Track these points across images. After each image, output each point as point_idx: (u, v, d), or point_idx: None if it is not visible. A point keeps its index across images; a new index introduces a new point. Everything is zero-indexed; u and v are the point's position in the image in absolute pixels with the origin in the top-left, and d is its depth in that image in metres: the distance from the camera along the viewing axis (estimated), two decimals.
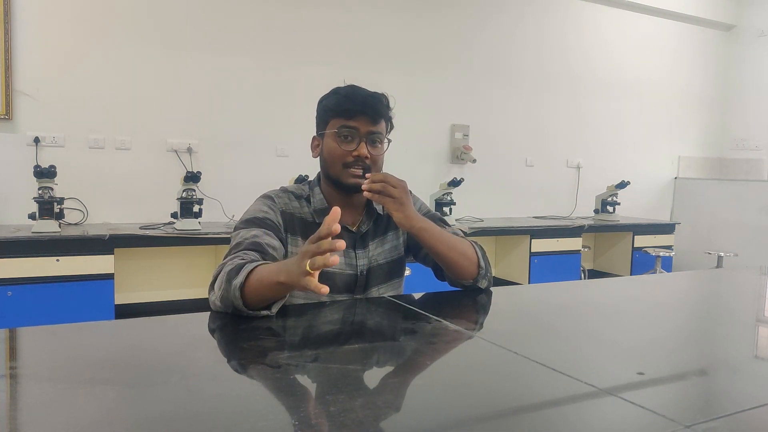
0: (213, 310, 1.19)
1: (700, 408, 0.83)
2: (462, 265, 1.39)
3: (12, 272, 2.86)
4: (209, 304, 1.20)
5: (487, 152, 4.82)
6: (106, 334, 1.12)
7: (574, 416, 0.79)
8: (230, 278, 1.13)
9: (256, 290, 1.11)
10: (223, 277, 1.15)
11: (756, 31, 6.03)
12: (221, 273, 1.17)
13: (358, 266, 1.41)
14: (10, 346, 1.02)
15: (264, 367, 0.91)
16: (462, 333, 1.16)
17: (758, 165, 6.05)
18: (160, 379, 0.84)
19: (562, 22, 5.21)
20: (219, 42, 3.83)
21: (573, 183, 5.36)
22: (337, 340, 1.10)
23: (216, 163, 3.83)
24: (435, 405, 0.80)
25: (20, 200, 3.23)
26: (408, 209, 1.32)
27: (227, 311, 1.15)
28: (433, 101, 4.62)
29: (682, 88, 5.98)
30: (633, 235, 5.01)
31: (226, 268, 1.16)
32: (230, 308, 1.14)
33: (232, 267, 1.15)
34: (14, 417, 0.72)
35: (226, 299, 1.13)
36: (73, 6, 3.44)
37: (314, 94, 1.48)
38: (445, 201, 4.20)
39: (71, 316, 2.92)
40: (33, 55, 3.35)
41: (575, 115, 5.34)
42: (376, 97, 1.38)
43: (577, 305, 1.47)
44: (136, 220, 3.61)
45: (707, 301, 1.70)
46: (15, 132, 3.34)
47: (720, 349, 1.14)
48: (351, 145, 1.36)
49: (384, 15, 4.39)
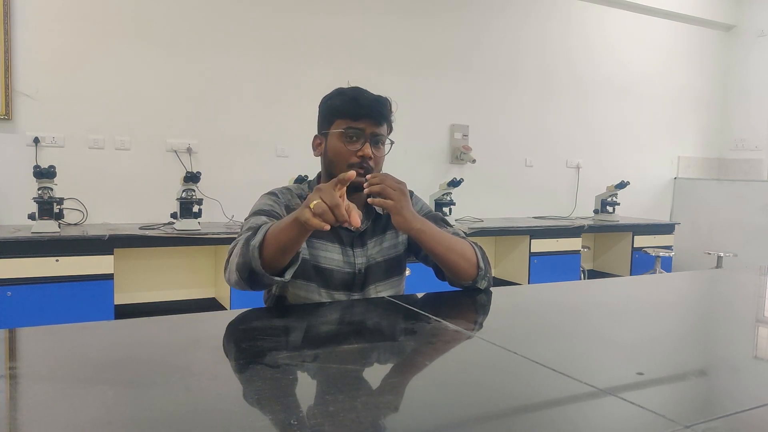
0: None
1: (700, 408, 0.83)
2: (461, 267, 1.39)
3: (12, 272, 2.86)
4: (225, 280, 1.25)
5: (487, 152, 4.82)
6: (105, 334, 1.12)
7: (574, 416, 0.79)
8: (248, 241, 1.18)
9: (274, 239, 1.15)
10: (241, 242, 1.20)
11: (756, 31, 6.03)
12: (238, 243, 1.22)
13: (356, 264, 1.42)
14: (10, 346, 1.02)
15: (263, 367, 0.91)
16: (461, 333, 1.16)
17: (758, 165, 6.05)
18: (160, 379, 0.84)
19: (562, 23, 5.21)
20: (219, 42, 3.83)
21: (573, 183, 5.36)
22: (337, 340, 1.10)
23: (216, 164, 3.83)
24: (434, 405, 0.80)
25: (20, 200, 3.23)
26: (406, 211, 1.32)
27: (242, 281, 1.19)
28: (433, 101, 4.62)
29: (682, 88, 5.98)
30: (633, 235, 5.01)
31: (242, 239, 1.21)
32: (246, 273, 1.17)
33: (248, 235, 1.20)
34: (14, 417, 0.72)
35: (244, 262, 1.16)
36: (73, 6, 3.43)
37: (314, 94, 1.49)
38: (444, 201, 4.20)
39: (71, 316, 2.91)
40: (33, 55, 3.35)
41: (575, 116, 5.34)
42: (380, 101, 1.42)
43: (576, 305, 1.47)
44: (136, 221, 3.61)
45: (707, 301, 1.70)
46: (15, 132, 3.34)
47: (720, 349, 1.14)
48: (356, 146, 1.38)
49: (384, 15, 4.39)
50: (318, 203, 1.04)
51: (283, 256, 1.17)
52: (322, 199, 1.04)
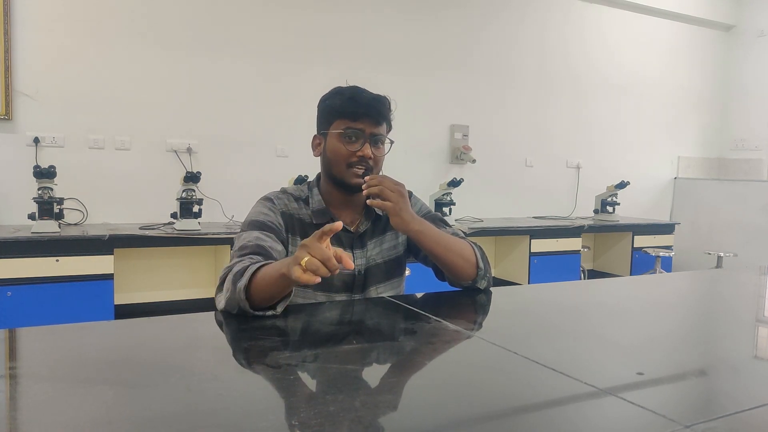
0: (216, 310, 1.20)
1: (700, 408, 0.83)
2: (460, 267, 1.39)
3: (12, 272, 2.86)
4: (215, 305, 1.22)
5: (487, 152, 4.82)
6: (105, 334, 1.12)
7: (574, 416, 0.79)
8: (235, 281, 1.15)
9: (261, 288, 1.13)
10: (230, 279, 1.17)
11: (756, 31, 6.03)
12: (228, 275, 1.19)
13: (356, 266, 1.42)
14: (9, 346, 1.02)
15: (264, 367, 0.91)
16: (461, 333, 1.16)
17: (758, 165, 6.05)
18: (160, 379, 0.84)
19: (562, 23, 5.21)
20: (219, 43, 3.83)
21: (573, 183, 5.36)
22: (337, 340, 1.10)
23: (216, 164, 3.83)
24: (434, 405, 0.80)
25: (20, 200, 3.23)
26: (405, 213, 1.32)
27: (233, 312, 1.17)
28: (433, 101, 4.62)
29: (682, 88, 5.98)
30: (633, 235, 5.01)
31: (234, 269, 1.19)
32: (236, 309, 1.16)
33: (238, 270, 1.18)
34: (14, 417, 0.72)
35: (233, 300, 1.15)
36: (73, 6, 3.43)
37: (314, 94, 1.48)
38: (444, 201, 4.20)
39: (71, 316, 2.91)
40: (33, 55, 3.35)
41: (575, 116, 5.34)
42: (379, 100, 1.40)
43: (576, 305, 1.47)
44: (136, 221, 3.61)
45: (707, 301, 1.70)
46: (15, 132, 3.34)
47: (720, 349, 1.14)
48: (355, 146, 1.38)
49: (384, 15, 4.39)
50: (309, 260, 1.01)
51: (270, 301, 1.15)
52: (312, 255, 1.01)
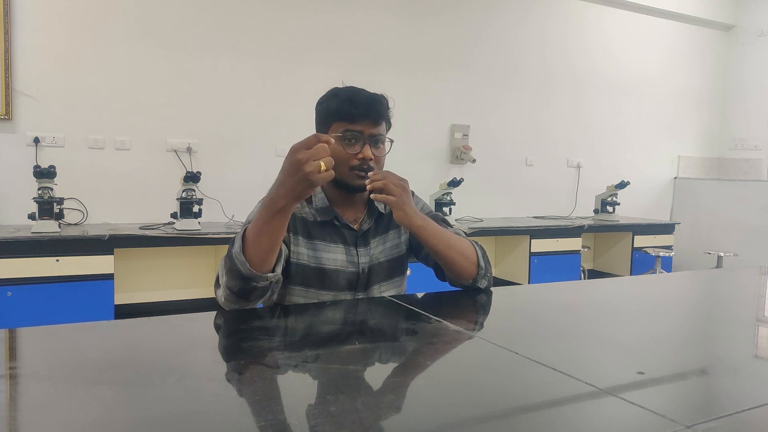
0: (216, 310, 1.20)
1: (700, 408, 0.83)
2: (461, 265, 1.39)
3: (12, 272, 2.86)
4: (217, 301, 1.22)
5: (487, 152, 4.82)
6: (105, 334, 1.12)
7: (575, 416, 0.79)
8: (229, 251, 1.17)
9: (256, 238, 1.14)
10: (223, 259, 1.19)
11: (756, 31, 6.03)
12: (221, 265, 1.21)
13: (360, 264, 1.42)
14: (9, 346, 1.02)
15: (263, 367, 0.91)
16: (462, 333, 1.16)
17: (758, 165, 6.05)
18: (160, 379, 0.84)
19: (562, 23, 5.21)
20: (219, 42, 3.83)
21: (573, 183, 5.36)
22: (337, 340, 1.10)
23: (216, 163, 3.83)
24: (435, 405, 0.80)
25: (20, 200, 3.23)
26: (408, 207, 1.32)
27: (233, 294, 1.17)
28: (433, 101, 4.62)
29: (682, 88, 5.98)
30: (633, 235, 5.01)
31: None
32: (237, 285, 1.15)
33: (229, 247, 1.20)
34: (14, 417, 0.72)
35: (233, 271, 1.15)
36: (73, 6, 3.43)
37: (314, 94, 1.48)
38: (444, 201, 4.20)
39: (71, 316, 2.92)
40: (33, 55, 3.35)
41: (575, 115, 5.34)
42: (377, 100, 1.39)
43: (577, 305, 1.47)
44: (136, 220, 3.61)
45: (707, 301, 1.69)
46: (15, 132, 3.34)
47: (720, 349, 1.14)
48: (355, 148, 1.37)
49: (384, 15, 4.39)
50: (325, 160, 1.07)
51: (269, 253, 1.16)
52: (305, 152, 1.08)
